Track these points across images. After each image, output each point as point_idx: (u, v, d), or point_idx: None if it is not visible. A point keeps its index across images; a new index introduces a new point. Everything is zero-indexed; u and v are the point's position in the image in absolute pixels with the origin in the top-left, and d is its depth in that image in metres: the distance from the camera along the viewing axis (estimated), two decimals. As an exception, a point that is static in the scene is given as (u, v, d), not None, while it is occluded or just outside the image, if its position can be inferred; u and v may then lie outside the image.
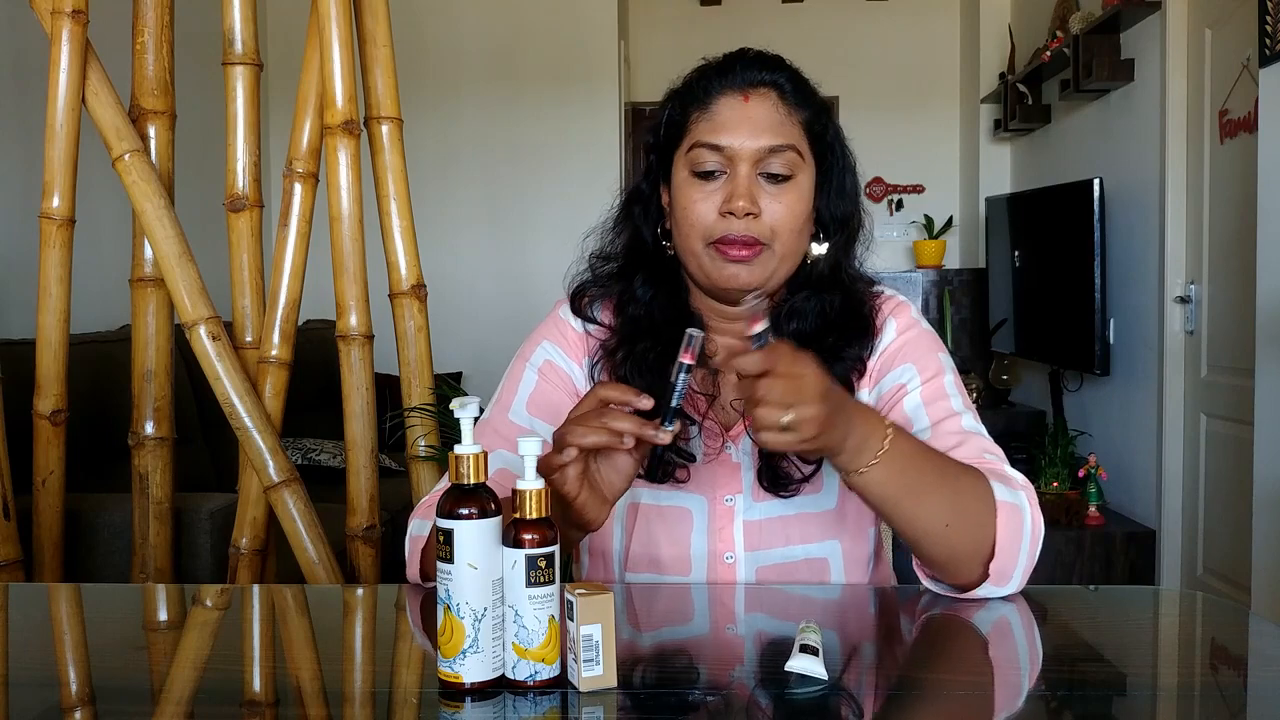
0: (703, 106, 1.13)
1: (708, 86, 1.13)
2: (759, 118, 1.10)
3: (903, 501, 0.98)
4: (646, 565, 1.17)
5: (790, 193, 1.11)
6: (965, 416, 1.13)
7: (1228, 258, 3.07)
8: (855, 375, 1.17)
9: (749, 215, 1.09)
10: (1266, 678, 0.92)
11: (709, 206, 1.10)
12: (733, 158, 1.10)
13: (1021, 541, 1.02)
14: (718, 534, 1.16)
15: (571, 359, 1.21)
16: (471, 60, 4.71)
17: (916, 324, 1.19)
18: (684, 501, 1.16)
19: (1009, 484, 1.04)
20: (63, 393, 1.93)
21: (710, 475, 1.16)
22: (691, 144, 1.12)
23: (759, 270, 1.11)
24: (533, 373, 1.21)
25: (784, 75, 1.13)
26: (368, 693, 0.88)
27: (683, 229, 1.13)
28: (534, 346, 1.23)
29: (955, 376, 1.17)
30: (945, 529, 1.00)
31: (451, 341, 4.08)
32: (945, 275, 4.84)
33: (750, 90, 1.12)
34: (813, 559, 1.16)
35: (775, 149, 1.10)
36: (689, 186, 1.12)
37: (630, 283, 1.19)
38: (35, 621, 1.11)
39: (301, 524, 1.89)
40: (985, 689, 0.89)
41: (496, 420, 1.19)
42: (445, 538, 0.82)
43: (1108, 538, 3.51)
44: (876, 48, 5.25)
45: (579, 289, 1.23)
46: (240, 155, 1.94)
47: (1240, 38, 2.96)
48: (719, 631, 1.08)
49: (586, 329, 1.22)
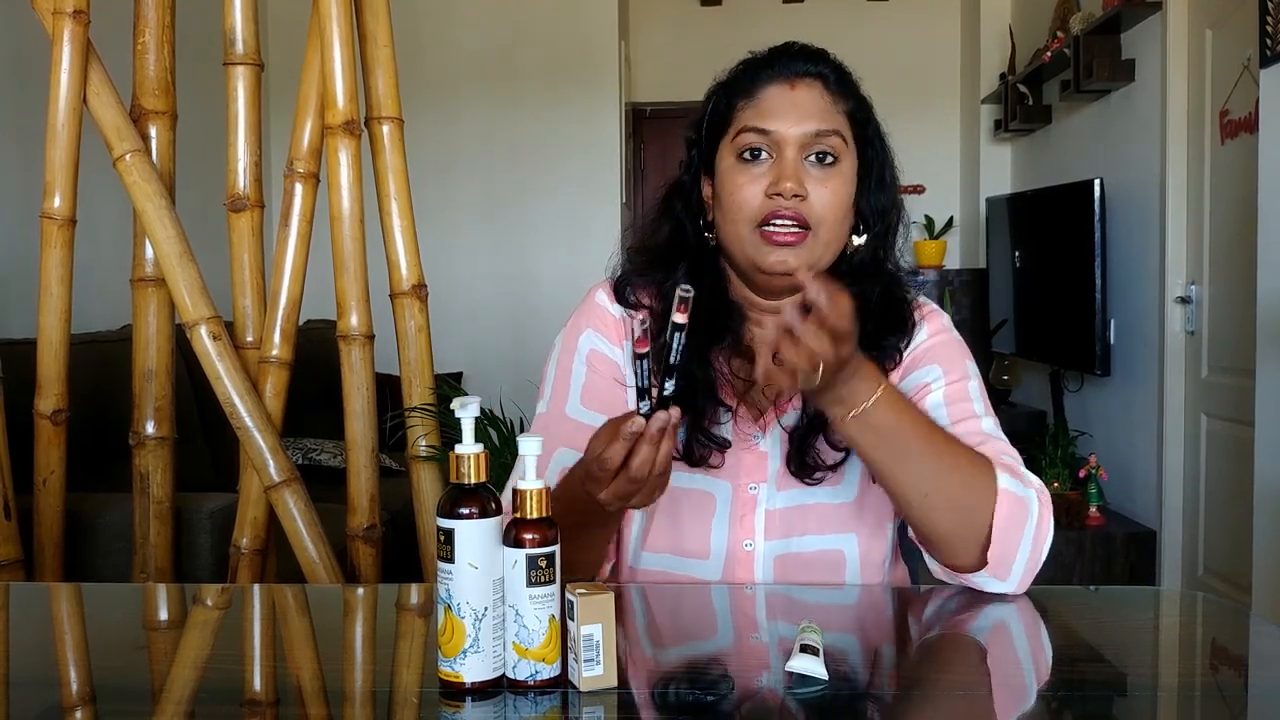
0: (749, 95, 1.14)
1: (754, 76, 1.15)
2: (805, 104, 1.12)
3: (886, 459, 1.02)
4: (665, 547, 1.18)
5: (835, 178, 1.12)
6: (985, 420, 1.15)
7: (1228, 258, 3.07)
8: (890, 365, 1.18)
9: (796, 197, 1.10)
10: (1267, 678, 0.92)
11: (756, 190, 1.11)
12: (779, 142, 1.11)
13: (1023, 534, 1.03)
14: (739, 521, 1.16)
15: (614, 344, 1.21)
16: (472, 60, 4.71)
17: (948, 331, 1.22)
18: (708, 486, 1.17)
19: (1020, 479, 1.06)
20: (64, 392, 1.93)
21: (736, 462, 1.17)
22: (738, 130, 1.13)
23: (804, 254, 1.11)
24: (581, 365, 1.20)
25: (828, 67, 1.16)
26: (368, 692, 0.88)
27: (729, 213, 1.13)
28: (576, 336, 1.22)
29: (980, 384, 1.19)
30: (924, 498, 1.02)
31: (452, 341, 4.08)
32: (946, 275, 4.84)
33: (796, 80, 1.14)
34: (830, 551, 1.16)
35: (821, 133, 1.12)
36: (735, 172, 1.13)
37: (672, 272, 1.19)
38: (36, 621, 1.11)
39: (302, 524, 1.89)
40: (986, 689, 0.89)
41: (553, 419, 1.18)
42: (446, 537, 0.82)
43: (1108, 538, 3.51)
44: (877, 48, 5.24)
45: (621, 279, 1.23)
46: (241, 155, 1.94)
47: (1241, 38, 2.96)
48: (720, 631, 1.08)
49: (626, 314, 1.21)
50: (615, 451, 0.92)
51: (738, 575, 1.16)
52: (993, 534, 1.02)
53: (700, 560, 1.16)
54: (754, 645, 1.01)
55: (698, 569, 1.16)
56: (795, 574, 1.16)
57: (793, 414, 1.17)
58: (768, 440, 1.18)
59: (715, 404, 1.16)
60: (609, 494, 0.94)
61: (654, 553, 1.18)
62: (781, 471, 1.16)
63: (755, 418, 1.18)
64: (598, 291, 1.24)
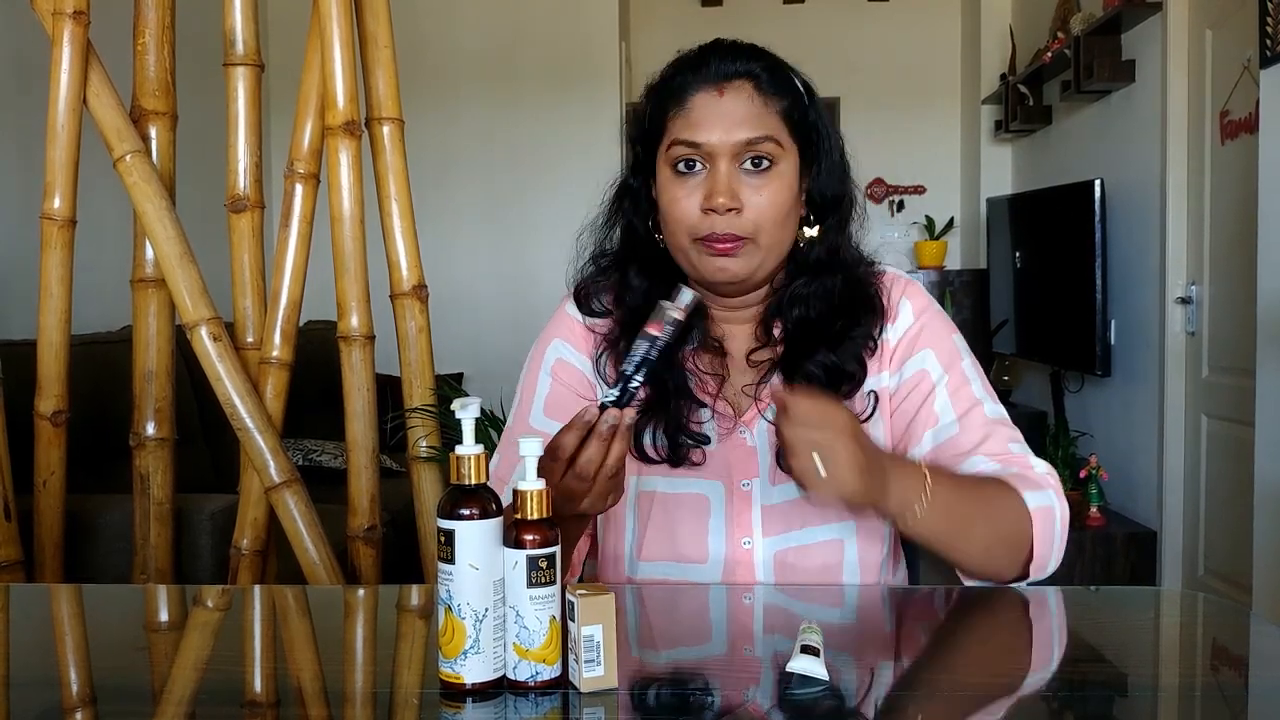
0: (679, 103, 1.12)
1: (683, 83, 1.13)
2: (734, 111, 1.10)
3: (949, 538, 1.04)
4: (661, 555, 1.17)
5: (771, 183, 1.11)
6: (986, 403, 1.16)
7: (1229, 258, 3.07)
8: (867, 354, 1.17)
9: (731, 211, 1.09)
10: (1267, 678, 0.92)
11: (691, 204, 1.11)
12: (711, 154, 1.10)
13: (1054, 538, 1.08)
14: (735, 519, 1.16)
15: (581, 352, 1.22)
16: (473, 61, 4.71)
17: (929, 305, 1.21)
18: (700, 488, 1.16)
19: (1035, 485, 1.08)
20: (64, 393, 1.93)
21: (725, 460, 1.16)
22: (670, 142, 1.12)
23: (745, 262, 1.11)
24: (546, 376, 1.22)
25: (759, 64, 1.13)
26: (369, 693, 0.88)
27: (669, 226, 1.14)
28: (545, 347, 1.23)
29: (970, 358, 1.19)
30: (986, 551, 1.06)
31: (452, 342, 4.08)
32: (946, 276, 4.84)
33: (724, 84, 1.11)
34: (830, 541, 1.16)
35: (752, 141, 1.10)
36: (671, 184, 1.12)
37: (626, 274, 1.20)
38: (36, 622, 1.11)
39: (302, 525, 1.89)
40: (986, 689, 0.89)
41: (518, 430, 1.20)
42: (446, 538, 0.82)
43: (1109, 538, 3.51)
44: (877, 48, 5.25)
45: (580, 286, 1.24)
46: (241, 156, 1.94)
47: (1241, 39, 2.96)
48: (720, 632, 1.08)
49: (591, 322, 1.22)
50: (568, 439, 0.93)
51: (738, 576, 1.15)
52: (1033, 549, 1.07)
53: (698, 565, 1.16)
54: (753, 646, 1.01)
55: (696, 573, 1.16)
56: (795, 568, 1.15)
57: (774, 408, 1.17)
58: (755, 436, 1.17)
59: (691, 402, 1.16)
60: (558, 489, 0.93)
61: (651, 561, 1.18)
62: (773, 466, 1.15)
63: (735, 414, 1.18)
64: (567, 301, 1.25)
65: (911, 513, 0.99)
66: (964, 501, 1.04)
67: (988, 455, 1.12)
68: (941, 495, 1.01)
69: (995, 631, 1.03)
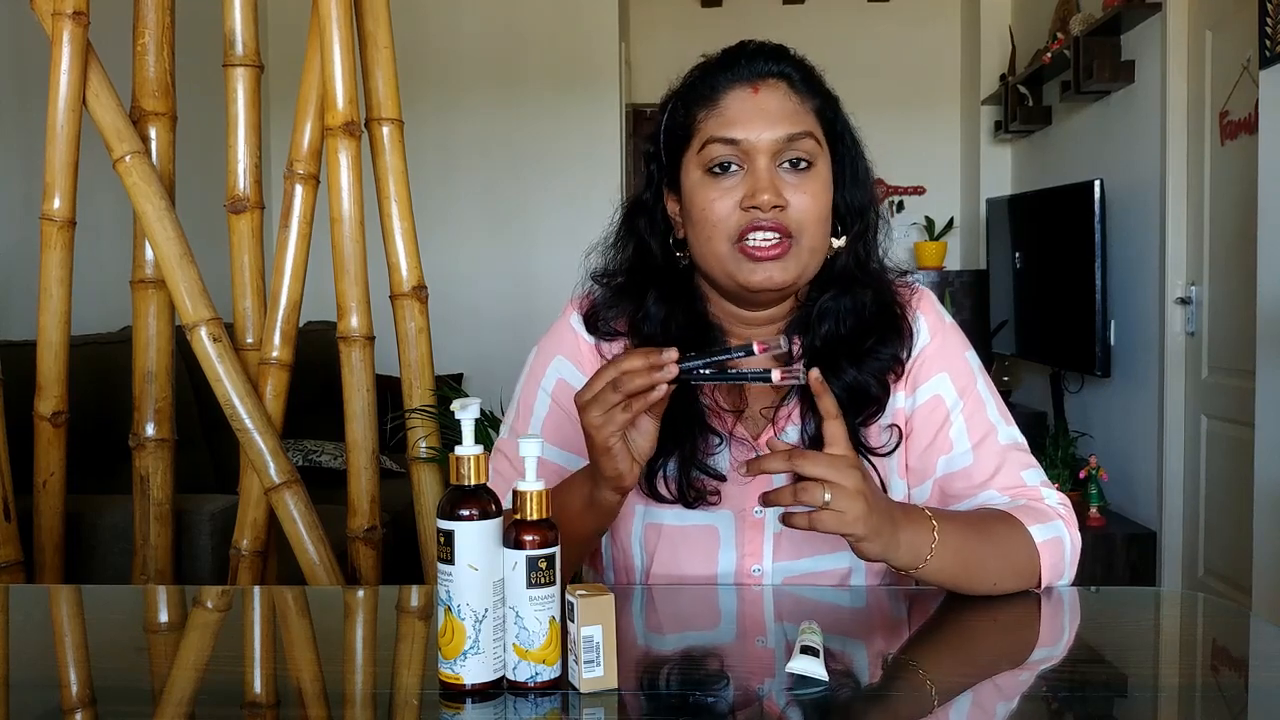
0: (710, 103, 1.08)
1: (713, 83, 1.08)
2: (772, 108, 1.06)
3: (957, 581, 1.03)
4: (668, 579, 1.15)
5: (814, 181, 1.07)
6: (1000, 428, 1.14)
7: (1228, 259, 3.07)
8: (892, 376, 1.14)
9: (775, 209, 1.04)
10: (1267, 679, 0.92)
11: (729, 204, 1.05)
12: (749, 151, 1.05)
13: (1064, 569, 1.08)
14: (746, 547, 1.13)
15: (585, 374, 1.14)
16: (472, 62, 4.71)
17: (943, 321, 1.17)
18: (711, 520, 1.13)
19: (1043, 517, 1.08)
20: (63, 394, 1.93)
21: (738, 490, 1.12)
22: (703, 142, 1.07)
23: (791, 266, 1.06)
24: (545, 397, 1.17)
25: (791, 65, 1.10)
26: (368, 694, 0.88)
27: (703, 231, 1.07)
28: (546, 362, 1.18)
29: (984, 376, 1.17)
30: (994, 587, 1.05)
31: (452, 343, 4.08)
32: (946, 277, 4.84)
33: (759, 81, 1.07)
34: (839, 569, 1.14)
35: (794, 137, 1.06)
36: (704, 186, 1.07)
37: (642, 301, 1.13)
38: (36, 623, 1.11)
39: (302, 525, 1.89)
40: (986, 690, 0.89)
41: (510, 447, 1.16)
42: (446, 539, 0.82)
43: (1108, 539, 3.51)
44: (877, 49, 5.24)
45: (591, 312, 1.17)
46: (241, 157, 1.94)
47: (1240, 39, 2.96)
48: (720, 633, 1.07)
49: (602, 344, 1.17)
50: (633, 359, 0.91)
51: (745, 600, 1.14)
52: (1041, 579, 1.07)
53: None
54: (753, 646, 1.01)
55: None
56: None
57: (792, 430, 1.13)
58: None
59: (707, 433, 1.11)
60: (586, 393, 0.92)
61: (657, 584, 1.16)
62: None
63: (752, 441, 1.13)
64: (572, 313, 1.19)
65: (922, 562, 0.99)
66: (971, 544, 1.02)
67: (1000, 489, 1.12)
68: (950, 542, 1.00)
69: (995, 632, 1.03)
